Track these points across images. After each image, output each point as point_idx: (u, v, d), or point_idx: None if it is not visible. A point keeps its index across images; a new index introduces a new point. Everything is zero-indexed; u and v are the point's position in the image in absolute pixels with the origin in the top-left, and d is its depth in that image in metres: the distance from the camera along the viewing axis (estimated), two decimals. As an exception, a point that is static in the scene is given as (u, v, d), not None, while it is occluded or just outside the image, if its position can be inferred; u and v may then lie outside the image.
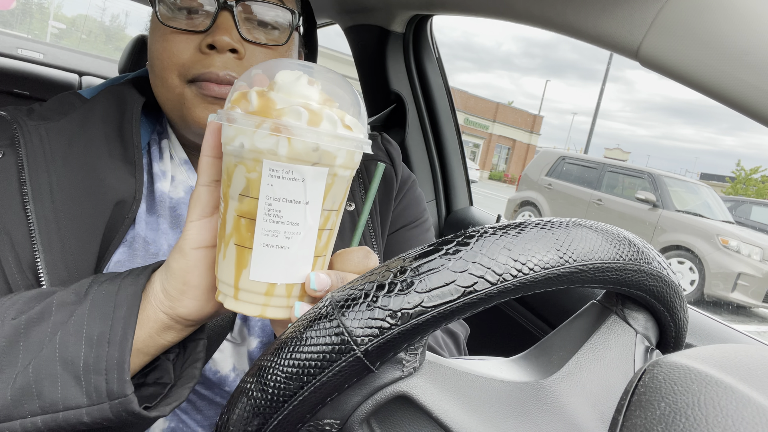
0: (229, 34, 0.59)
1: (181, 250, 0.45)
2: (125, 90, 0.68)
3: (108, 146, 0.63)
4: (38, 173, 0.58)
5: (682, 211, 7.05)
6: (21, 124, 0.60)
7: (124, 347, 0.43)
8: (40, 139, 0.59)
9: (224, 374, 0.65)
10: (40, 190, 0.57)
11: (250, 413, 0.33)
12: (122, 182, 0.61)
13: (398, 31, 1.40)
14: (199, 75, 0.60)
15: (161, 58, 0.61)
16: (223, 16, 0.60)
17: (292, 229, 0.40)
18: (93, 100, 0.66)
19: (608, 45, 0.70)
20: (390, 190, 0.76)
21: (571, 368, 0.40)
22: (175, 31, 0.61)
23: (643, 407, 0.28)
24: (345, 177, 0.42)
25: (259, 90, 0.40)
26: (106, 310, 0.44)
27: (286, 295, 0.42)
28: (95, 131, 0.63)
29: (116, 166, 0.62)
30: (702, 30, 0.58)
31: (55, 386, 0.43)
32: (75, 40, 52.13)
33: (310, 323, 0.33)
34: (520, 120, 36.38)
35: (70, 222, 0.57)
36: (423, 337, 0.33)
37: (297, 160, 0.38)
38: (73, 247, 0.57)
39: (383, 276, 0.33)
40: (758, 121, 0.58)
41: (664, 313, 0.42)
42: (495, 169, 35.73)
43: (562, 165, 8.61)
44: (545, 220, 0.35)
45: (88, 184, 0.60)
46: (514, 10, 0.87)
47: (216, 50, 0.60)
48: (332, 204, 0.42)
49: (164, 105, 0.65)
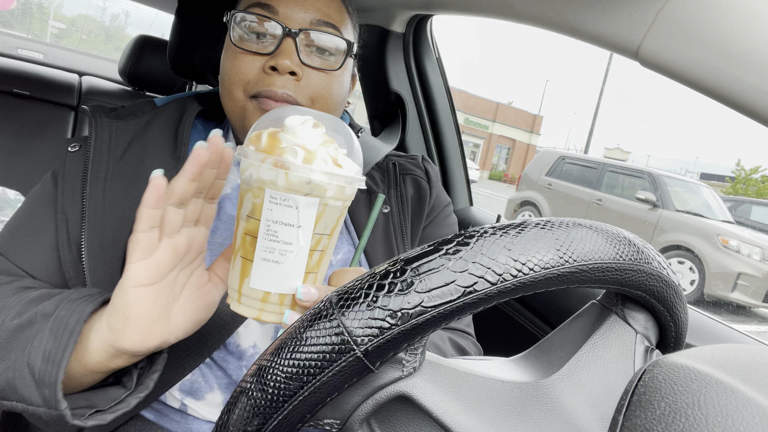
0: (290, 59, 0.67)
1: (122, 288, 0.48)
2: (188, 100, 0.80)
3: (161, 144, 0.73)
4: (99, 163, 0.68)
5: (682, 211, 7.04)
6: (97, 119, 0.71)
7: (59, 368, 0.49)
8: (109, 135, 0.71)
9: (243, 348, 0.69)
10: (97, 177, 0.67)
11: (250, 413, 0.33)
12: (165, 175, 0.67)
13: (398, 31, 1.40)
14: (260, 92, 0.68)
15: (230, 74, 0.70)
16: (286, 42, 0.68)
17: (286, 247, 0.47)
18: (161, 108, 0.78)
19: (608, 45, 0.70)
20: (423, 204, 0.83)
21: (571, 368, 0.40)
22: (244, 52, 0.69)
23: (643, 407, 0.28)
24: (337, 207, 0.48)
25: (272, 131, 0.47)
26: (58, 332, 0.50)
27: (279, 303, 0.49)
28: (154, 131, 0.74)
29: (164, 161, 0.71)
30: (702, 30, 0.58)
31: (23, 386, 0.50)
32: (75, 40, 52.10)
33: (310, 323, 0.33)
34: (520, 120, 36.39)
35: (113, 206, 0.66)
36: (423, 337, 0.33)
37: (292, 191, 0.45)
38: (109, 228, 0.65)
39: (383, 276, 0.33)
40: (758, 121, 0.58)
41: (664, 313, 0.42)
42: (495, 169, 35.73)
43: (562, 165, 8.61)
44: (545, 220, 0.35)
45: (134, 174, 0.69)
46: (514, 10, 0.87)
47: (277, 71, 0.68)
48: (324, 229, 0.48)
49: (229, 114, 0.73)
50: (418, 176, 0.86)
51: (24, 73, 1.82)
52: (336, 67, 0.72)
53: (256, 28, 0.69)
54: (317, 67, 0.70)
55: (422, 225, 0.82)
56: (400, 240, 0.79)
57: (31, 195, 0.72)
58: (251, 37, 0.70)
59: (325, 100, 0.72)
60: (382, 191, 0.81)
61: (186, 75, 1.06)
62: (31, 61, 2.17)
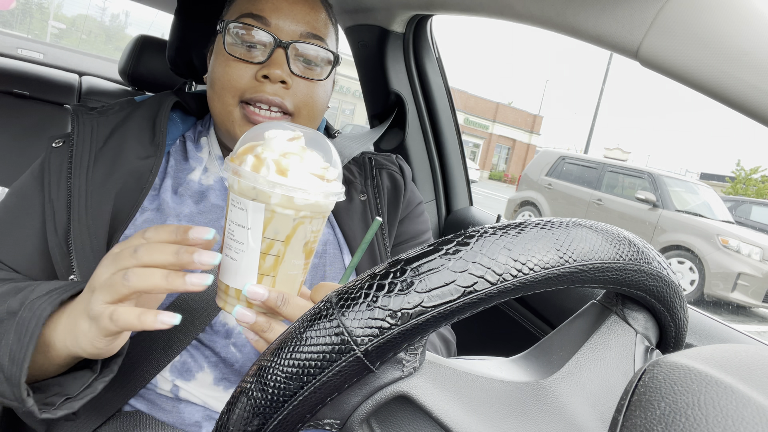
0: (281, 68, 0.72)
1: (79, 334, 0.52)
2: (164, 95, 0.85)
3: (140, 133, 0.78)
4: (83, 153, 0.72)
5: (682, 211, 7.04)
6: (79, 116, 0.75)
7: (21, 368, 0.52)
8: (91, 128, 0.75)
9: (231, 327, 0.71)
10: (81, 166, 0.71)
11: (250, 413, 0.33)
12: (143, 160, 0.75)
13: (398, 31, 1.40)
14: (251, 98, 0.73)
15: (222, 80, 0.74)
16: (277, 52, 0.73)
17: (239, 246, 0.51)
18: (140, 103, 0.83)
19: (608, 45, 0.70)
20: (398, 196, 0.90)
21: (571, 368, 0.40)
22: (236, 59, 0.73)
23: (643, 407, 0.28)
24: (287, 215, 0.50)
25: (251, 144, 0.52)
26: (21, 333, 0.53)
27: (236, 297, 0.53)
28: (133, 123, 0.78)
29: (143, 147, 0.76)
30: (702, 30, 0.58)
31: None
32: (75, 40, 52.07)
33: (310, 323, 0.33)
34: (520, 120, 36.38)
35: (95, 190, 0.70)
36: (423, 337, 0.33)
37: (242, 195, 0.49)
38: (93, 211, 0.70)
39: (383, 276, 0.33)
40: (758, 121, 0.58)
41: (664, 313, 0.42)
42: (495, 169, 35.71)
43: (562, 165, 8.61)
44: (545, 220, 0.35)
45: (115, 160, 0.73)
46: (514, 10, 0.87)
47: (269, 80, 0.73)
48: (275, 234, 0.51)
49: (216, 116, 0.78)
50: (393, 171, 0.93)
51: (24, 73, 1.82)
52: (323, 77, 0.78)
53: (249, 38, 0.74)
54: (305, 77, 0.76)
55: (398, 217, 0.88)
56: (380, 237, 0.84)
57: (12, 190, 0.74)
58: (243, 45, 0.74)
59: (311, 107, 0.77)
60: (359, 182, 0.88)
61: (185, 75, 1.05)
62: (31, 61, 2.17)
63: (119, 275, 0.48)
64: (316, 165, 0.52)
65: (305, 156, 0.51)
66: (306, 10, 0.76)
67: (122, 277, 0.48)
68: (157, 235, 0.50)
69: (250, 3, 0.75)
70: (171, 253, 0.49)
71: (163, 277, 0.48)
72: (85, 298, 0.52)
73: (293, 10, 0.75)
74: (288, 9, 0.75)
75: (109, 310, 0.48)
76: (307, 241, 0.53)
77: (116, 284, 0.48)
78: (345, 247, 0.82)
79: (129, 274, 0.48)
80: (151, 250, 0.49)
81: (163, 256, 0.49)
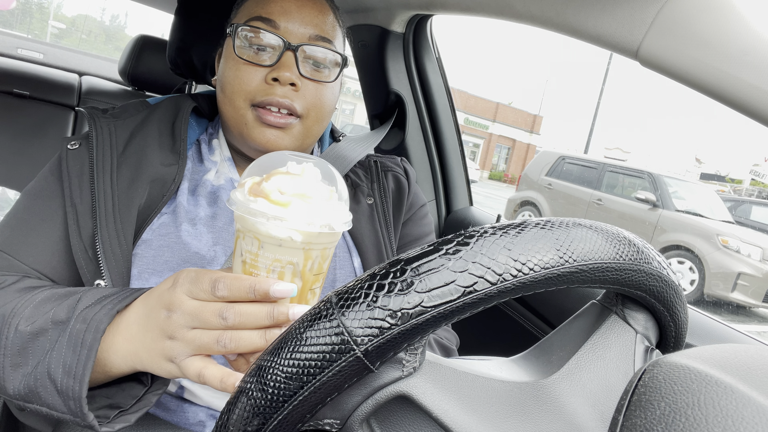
0: (290, 71, 0.73)
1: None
2: (181, 99, 0.85)
3: (160, 139, 0.78)
4: (104, 157, 0.72)
5: (682, 211, 7.04)
6: (96, 120, 0.75)
7: (82, 384, 0.52)
8: (109, 132, 0.75)
9: None
10: (104, 170, 0.71)
11: (250, 413, 0.33)
12: (166, 167, 0.76)
13: (398, 30, 1.40)
14: (262, 101, 0.73)
15: (233, 83, 0.75)
16: (287, 55, 0.74)
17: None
18: (155, 106, 0.83)
19: (608, 45, 0.70)
20: (402, 197, 0.91)
21: (571, 368, 0.40)
22: (246, 63, 0.74)
23: (643, 407, 0.28)
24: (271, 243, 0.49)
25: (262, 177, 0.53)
26: (77, 346, 0.53)
27: None
28: (152, 127, 0.79)
29: (164, 155, 0.77)
30: (702, 30, 0.58)
31: (47, 394, 0.54)
32: (75, 40, 52.06)
33: (310, 323, 0.33)
34: (520, 120, 36.37)
35: (122, 194, 0.71)
36: (423, 337, 0.33)
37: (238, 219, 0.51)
38: (120, 215, 0.70)
39: (383, 276, 0.33)
40: (758, 121, 0.58)
41: (664, 313, 0.42)
42: (495, 169, 35.70)
43: (562, 165, 8.60)
44: (545, 220, 0.35)
45: (138, 166, 0.74)
46: (514, 10, 0.87)
47: (279, 82, 0.73)
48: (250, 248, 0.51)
49: (228, 120, 0.78)
50: (398, 173, 0.94)
51: (24, 73, 1.81)
52: (331, 79, 0.78)
53: (258, 41, 0.74)
54: (314, 79, 0.76)
55: (402, 218, 0.90)
56: (384, 227, 0.85)
57: (29, 191, 0.73)
58: (252, 48, 0.74)
59: (320, 109, 0.78)
60: (366, 185, 0.89)
61: (185, 75, 1.06)
62: (31, 61, 2.16)
63: (211, 338, 0.48)
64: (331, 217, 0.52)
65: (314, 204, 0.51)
66: (314, 12, 0.77)
67: (215, 342, 0.48)
68: (231, 293, 0.48)
69: (258, 6, 0.76)
70: (265, 317, 0.48)
71: (261, 337, 0.48)
72: (155, 316, 0.51)
73: (302, 13, 0.76)
74: (296, 12, 0.76)
75: (198, 368, 0.48)
76: None
77: (209, 346, 0.48)
78: (354, 250, 0.83)
79: (225, 339, 0.48)
80: (243, 318, 0.48)
81: (258, 321, 0.48)
